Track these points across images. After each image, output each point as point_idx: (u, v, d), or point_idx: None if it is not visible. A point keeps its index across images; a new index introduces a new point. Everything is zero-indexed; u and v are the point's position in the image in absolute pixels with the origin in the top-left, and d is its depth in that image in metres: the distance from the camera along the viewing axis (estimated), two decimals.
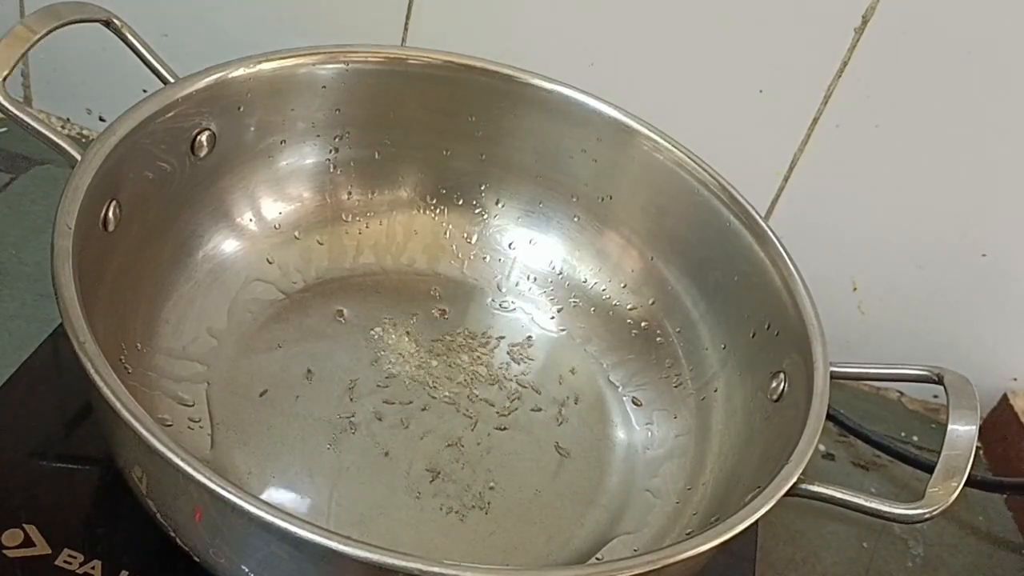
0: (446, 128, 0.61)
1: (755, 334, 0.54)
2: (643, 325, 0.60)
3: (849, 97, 0.63)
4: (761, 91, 0.64)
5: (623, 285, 0.62)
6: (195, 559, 0.41)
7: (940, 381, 0.48)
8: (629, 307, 0.61)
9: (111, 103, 0.47)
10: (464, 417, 0.55)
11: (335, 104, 0.58)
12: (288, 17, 0.69)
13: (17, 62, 0.45)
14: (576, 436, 0.56)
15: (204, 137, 0.52)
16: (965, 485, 0.43)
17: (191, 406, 0.51)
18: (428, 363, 0.57)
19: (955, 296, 0.69)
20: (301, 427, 0.52)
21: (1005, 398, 0.71)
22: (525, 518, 0.51)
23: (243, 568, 0.39)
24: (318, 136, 0.59)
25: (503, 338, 0.60)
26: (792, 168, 0.66)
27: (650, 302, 0.61)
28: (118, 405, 0.36)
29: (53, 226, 0.42)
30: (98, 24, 0.51)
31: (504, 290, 0.63)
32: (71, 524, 0.46)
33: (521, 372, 0.58)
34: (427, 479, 0.51)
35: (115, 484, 0.47)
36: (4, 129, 0.71)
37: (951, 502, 0.42)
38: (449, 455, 0.53)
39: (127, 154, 0.47)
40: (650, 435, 0.57)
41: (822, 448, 0.67)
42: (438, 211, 0.63)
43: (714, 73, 0.64)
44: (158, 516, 0.41)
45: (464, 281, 0.63)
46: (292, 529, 0.34)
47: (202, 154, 0.53)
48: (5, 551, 0.44)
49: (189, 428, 0.50)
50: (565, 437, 0.55)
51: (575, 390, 0.58)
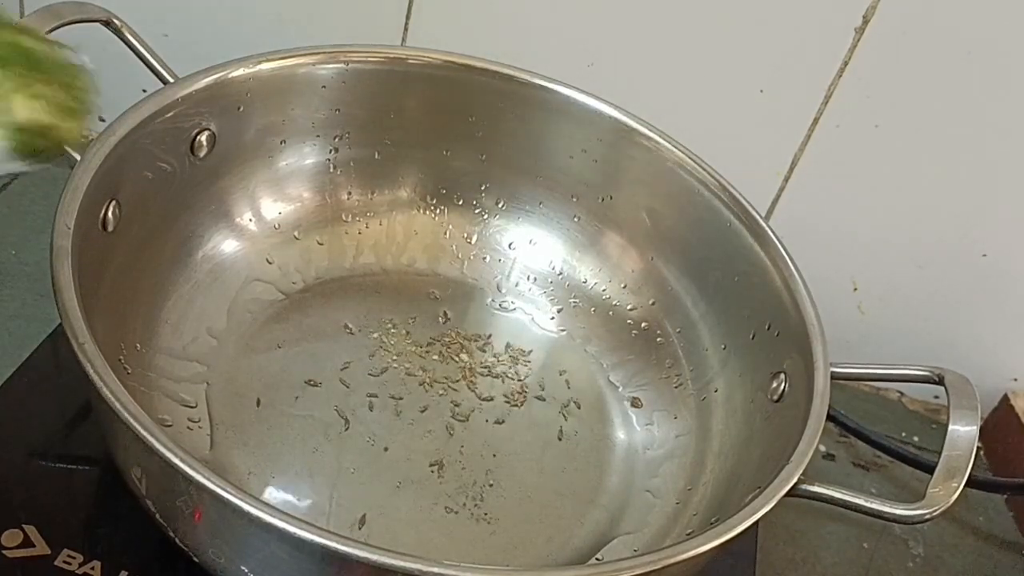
0: (446, 128, 0.61)
1: (755, 334, 0.54)
2: (643, 325, 0.60)
3: (849, 97, 0.63)
4: (761, 91, 0.64)
5: (623, 285, 0.62)
6: (195, 559, 0.41)
7: (940, 381, 0.48)
8: (629, 307, 0.61)
9: (111, 103, 0.47)
10: (464, 417, 0.55)
11: (335, 104, 0.58)
12: (288, 17, 0.69)
13: None
14: (576, 436, 0.56)
15: (204, 137, 0.52)
16: (965, 485, 0.43)
17: (191, 406, 0.51)
18: (428, 363, 0.57)
19: (955, 296, 0.69)
20: (301, 427, 0.52)
21: (1005, 398, 0.71)
22: (525, 518, 0.51)
23: (243, 568, 0.39)
24: (318, 136, 0.59)
25: (503, 338, 0.60)
26: (792, 168, 0.66)
27: (650, 302, 0.61)
28: (117, 405, 0.36)
29: (53, 226, 0.42)
30: (98, 24, 0.51)
31: (504, 290, 0.63)
32: (71, 524, 0.46)
33: (521, 372, 0.58)
34: (427, 479, 0.51)
35: (115, 484, 0.46)
36: None
37: (952, 502, 0.42)
38: (449, 456, 0.53)
39: (127, 154, 0.47)
40: (650, 435, 0.57)
41: (822, 448, 0.67)
42: (438, 211, 0.63)
43: (714, 73, 0.64)
44: (158, 516, 0.41)
45: (464, 281, 0.63)
46: (292, 529, 0.34)
47: (202, 154, 0.53)
48: (5, 551, 0.44)
49: (189, 428, 0.50)
50: (565, 437, 0.55)
51: (575, 390, 0.58)
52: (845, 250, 0.69)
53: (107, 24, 0.51)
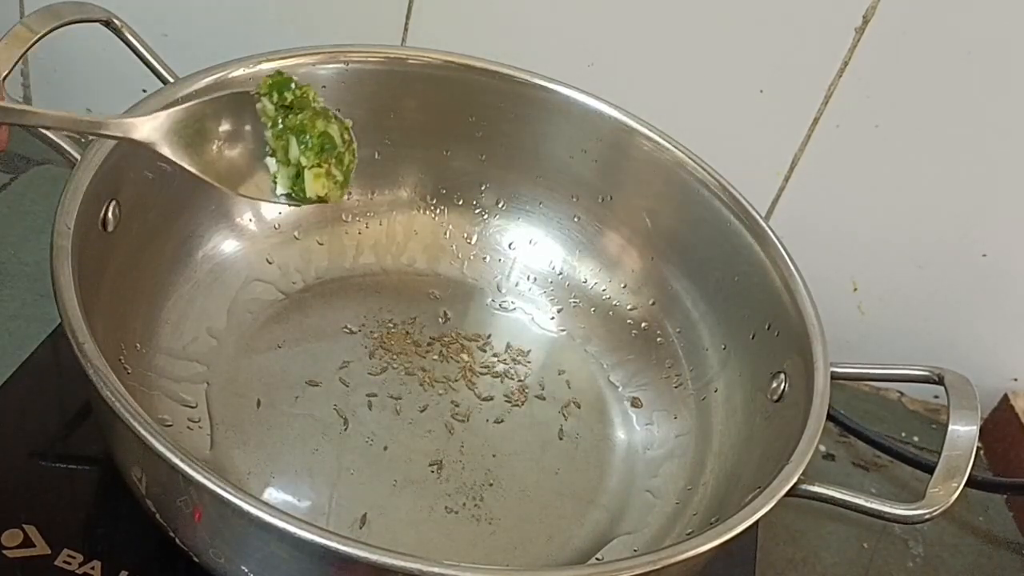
0: (446, 128, 0.61)
1: (755, 334, 0.54)
2: (643, 325, 0.60)
3: (849, 97, 0.63)
4: (761, 91, 0.64)
5: (623, 285, 0.62)
6: (195, 559, 0.41)
7: (940, 381, 0.48)
8: (629, 307, 0.61)
9: (111, 103, 0.47)
10: (464, 417, 0.55)
11: (335, 104, 0.57)
12: (288, 17, 0.69)
13: (17, 62, 0.45)
14: (576, 436, 0.56)
15: None
16: (965, 485, 0.43)
17: (191, 406, 0.51)
18: (428, 363, 0.57)
19: (955, 296, 0.69)
20: (301, 427, 0.52)
21: (1005, 398, 0.71)
22: (525, 518, 0.51)
23: (243, 568, 0.39)
24: None
25: (503, 338, 0.60)
26: (792, 168, 0.66)
27: (650, 302, 0.61)
28: (118, 405, 0.36)
29: (53, 226, 0.42)
30: (98, 24, 0.51)
31: (504, 290, 0.63)
32: (71, 524, 0.46)
33: (521, 372, 0.58)
34: (427, 479, 0.51)
35: (115, 484, 0.46)
36: None
37: (951, 502, 0.42)
38: (449, 455, 0.53)
39: (127, 154, 0.47)
40: (650, 435, 0.57)
41: (822, 448, 0.67)
42: (438, 211, 0.63)
43: (714, 73, 0.64)
44: (158, 516, 0.41)
45: (464, 281, 0.63)
46: (292, 529, 0.34)
47: None
48: (5, 551, 0.44)
49: (189, 428, 0.50)
50: (565, 437, 0.55)
51: (575, 390, 0.58)
52: (845, 250, 0.69)
53: (107, 24, 0.51)
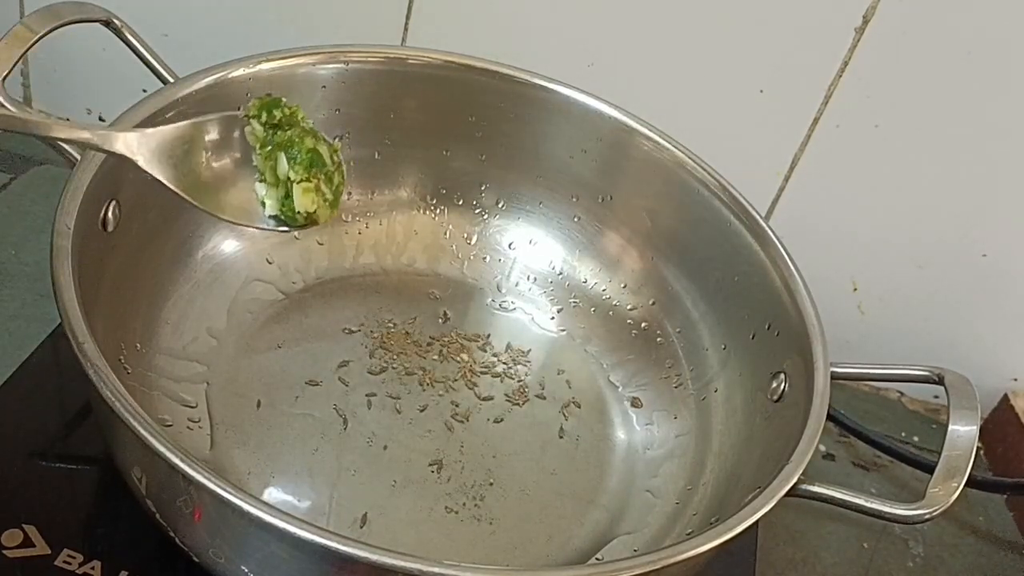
0: (446, 128, 0.61)
1: (755, 334, 0.54)
2: (643, 325, 0.60)
3: (849, 97, 0.63)
4: (761, 91, 0.64)
5: (623, 285, 0.62)
6: (195, 559, 0.41)
7: (940, 381, 0.48)
8: (629, 307, 0.61)
9: (111, 103, 0.47)
10: (464, 417, 0.55)
11: (335, 104, 0.58)
12: (288, 17, 0.69)
13: (17, 62, 0.45)
14: (576, 436, 0.56)
15: None
16: (965, 485, 0.43)
17: (191, 406, 0.51)
18: (428, 363, 0.57)
19: (955, 296, 0.69)
20: (301, 427, 0.52)
21: (1005, 398, 0.71)
22: (525, 518, 0.51)
23: (243, 568, 0.39)
24: None
25: (503, 338, 0.60)
26: (792, 168, 0.66)
27: (650, 302, 0.61)
28: (118, 405, 0.36)
29: (53, 226, 0.42)
30: (98, 24, 0.51)
31: (504, 290, 0.63)
32: (71, 524, 0.46)
33: (521, 372, 0.58)
34: (427, 479, 0.51)
35: (115, 484, 0.46)
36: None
37: (951, 502, 0.42)
38: (449, 455, 0.53)
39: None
40: (650, 435, 0.57)
41: (822, 448, 0.67)
42: (438, 211, 0.63)
43: (714, 73, 0.64)
44: (158, 516, 0.41)
45: (464, 281, 0.63)
46: (292, 529, 0.34)
47: None
48: (5, 551, 0.44)
49: (189, 428, 0.50)
50: (565, 437, 0.55)
51: (575, 390, 0.58)
52: (845, 250, 0.69)
53: (107, 24, 0.51)
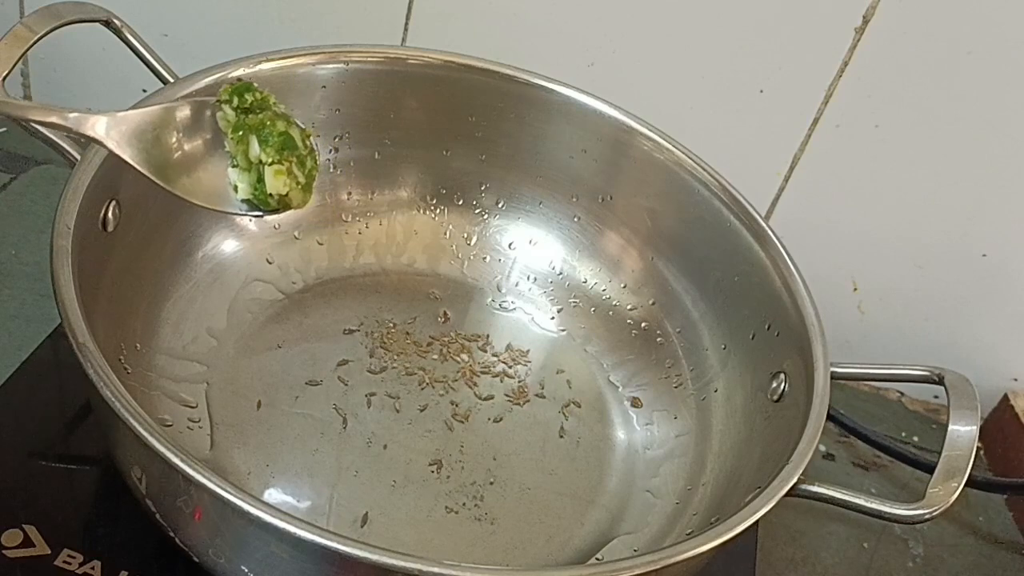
0: (446, 128, 0.61)
1: (755, 334, 0.54)
2: (643, 325, 0.60)
3: (849, 97, 0.63)
4: (761, 91, 0.64)
5: (623, 285, 0.62)
6: (195, 559, 0.41)
7: (940, 381, 0.48)
8: (629, 307, 0.61)
9: (111, 103, 0.47)
10: (464, 417, 0.55)
11: (335, 104, 0.58)
12: (288, 17, 0.69)
13: (17, 62, 0.45)
14: (576, 436, 0.56)
15: None
16: (965, 485, 0.43)
17: (191, 406, 0.51)
18: (428, 363, 0.57)
19: (955, 296, 0.69)
20: (301, 427, 0.52)
21: (1005, 398, 0.71)
22: (525, 518, 0.51)
23: (243, 568, 0.39)
24: (318, 136, 0.58)
25: (503, 338, 0.60)
26: (792, 168, 0.66)
27: (650, 302, 0.61)
28: (118, 405, 0.36)
29: (53, 226, 0.42)
30: (98, 24, 0.51)
31: (504, 290, 0.63)
32: (71, 524, 0.46)
33: (521, 372, 0.58)
34: (427, 479, 0.51)
35: (115, 484, 0.47)
36: (4, 129, 0.71)
37: (951, 502, 0.42)
38: (449, 455, 0.53)
39: None
40: (650, 435, 0.57)
41: (822, 448, 0.67)
42: (438, 211, 0.63)
43: (714, 73, 0.64)
44: (158, 516, 0.41)
45: (464, 281, 0.63)
46: (292, 529, 0.34)
47: None
48: (5, 551, 0.44)
49: (189, 428, 0.50)
50: (565, 437, 0.55)
51: (575, 390, 0.58)
52: (845, 250, 0.69)
53: (107, 24, 0.51)
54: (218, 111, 0.46)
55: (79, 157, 0.45)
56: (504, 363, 0.59)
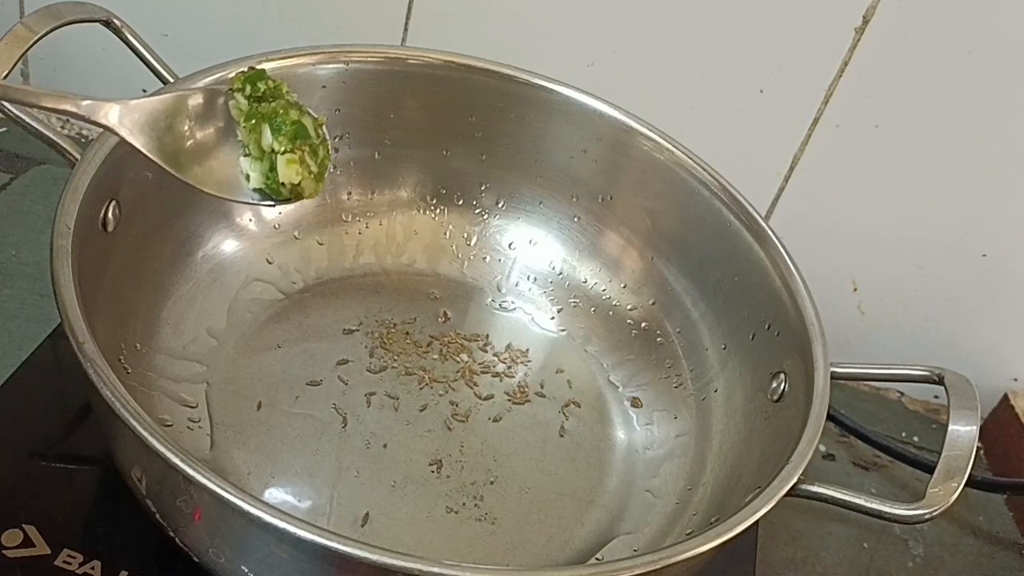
0: (446, 128, 0.61)
1: (755, 334, 0.54)
2: (643, 325, 0.60)
3: (849, 97, 0.63)
4: (761, 91, 0.64)
5: (623, 285, 0.62)
6: (195, 559, 0.41)
7: (940, 381, 0.48)
8: (629, 307, 0.61)
9: None
10: (464, 417, 0.55)
11: (335, 104, 0.58)
12: (288, 17, 0.69)
13: (17, 62, 0.45)
14: (576, 436, 0.56)
15: None
16: (965, 485, 0.43)
17: (191, 406, 0.51)
18: (428, 363, 0.57)
19: (955, 296, 0.69)
20: (301, 427, 0.52)
21: (1005, 398, 0.71)
22: (525, 518, 0.51)
23: (243, 568, 0.39)
24: None
25: (503, 338, 0.60)
26: (792, 168, 0.66)
27: (650, 302, 0.61)
28: (118, 405, 0.36)
29: (53, 226, 0.42)
30: (98, 24, 0.51)
31: (504, 290, 0.63)
32: (71, 524, 0.46)
33: (521, 372, 0.58)
34: (427, 479, 0.51)
35: (115, 484, 0.47)
36: (4, 129, 0.71)
37: (951, 502, 0.42)
38: (449, 455, 0.53)
39: (127, 154, 0.46)
40: (650, 435, 0.57)
41: (822, 448, 0.67)
42: (438, 211, 0.63)
43: (714, 73, 0.64)
44: (158, 516, 0.41)
45: (464, 281, 0.63)
46: (292, 529, 0.34)
47: None
48: (5, 551, 0.44)
49: (189, 428, 0.50)
50: (565, 437, 0.55)
51: (575, 390, 0.58)
52: (845, 250, 0.69)
53: (107, 24, 0.51)
54: (230, 99, 0.45)
55: (79, 157, 0.45)
56: (504, 363, 0.59)
